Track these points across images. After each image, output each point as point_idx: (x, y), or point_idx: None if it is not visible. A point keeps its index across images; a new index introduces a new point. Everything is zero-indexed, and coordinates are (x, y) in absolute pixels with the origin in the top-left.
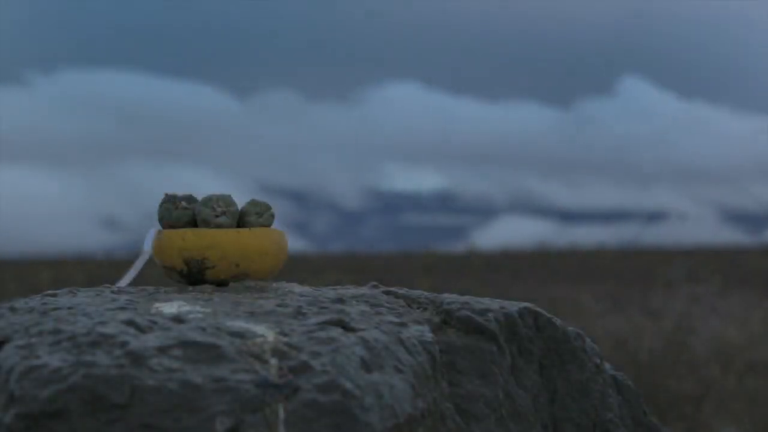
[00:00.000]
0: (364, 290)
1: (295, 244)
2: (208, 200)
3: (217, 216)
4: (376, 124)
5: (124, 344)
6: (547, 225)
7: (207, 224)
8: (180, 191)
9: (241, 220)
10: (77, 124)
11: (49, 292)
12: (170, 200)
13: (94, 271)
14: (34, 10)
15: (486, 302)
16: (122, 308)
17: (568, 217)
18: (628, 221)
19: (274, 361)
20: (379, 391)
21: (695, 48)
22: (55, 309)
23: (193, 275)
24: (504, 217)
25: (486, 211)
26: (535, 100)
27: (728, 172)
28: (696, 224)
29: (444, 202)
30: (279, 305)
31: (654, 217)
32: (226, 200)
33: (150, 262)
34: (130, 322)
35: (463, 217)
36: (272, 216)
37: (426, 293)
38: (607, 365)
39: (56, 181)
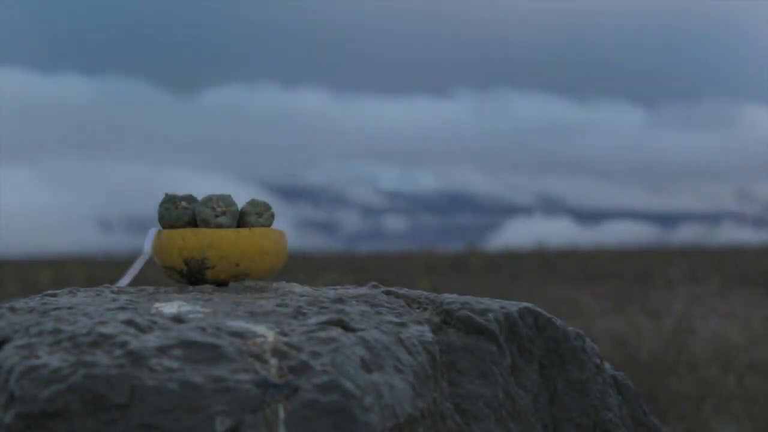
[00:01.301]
0: (364, 290)
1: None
2: (208, 200)
3: (217, 216)
4: (214, 120)
5: (124, 344)
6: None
7: (207, 224)
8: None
9: (241, 220)
10: None
11: (49, 292)
12: (170, 200)
13: (94, 271)
14: None
15: (486, 302)
16: (122, 308)
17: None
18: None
19: (274, 361)
20: (379, 391)
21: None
22: (55, 309)
23: (193, 275)
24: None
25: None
26: (424, 95)
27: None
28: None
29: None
30: (279, 305)
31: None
32: (226, 200)
33: (150, 262)
34: (130, 322)
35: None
36: (272, 216)
37: (426, 293)
38: (607, 365)
39: None
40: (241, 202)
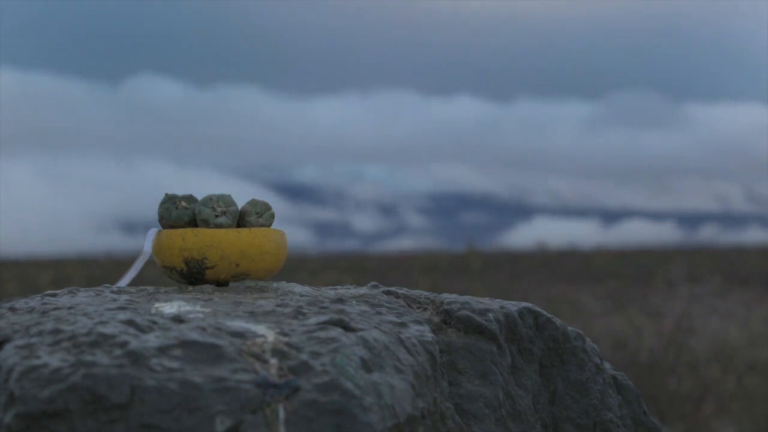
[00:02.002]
0: (364, 290)
1: None
2: (208, 200)
3: (217, 216)
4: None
5: (124, 344)
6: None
7: (207, 224)
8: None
9: (241, 220)
10: None
11: (49, 292)
12: (170, 200)
13: (94, 271)
14: None
15: (486, 302)
16: (122, 308)
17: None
18: None
19: (274, 361)
20: (379, 391)
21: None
22: (55, 309)
23: (193, 275)
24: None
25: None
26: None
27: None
28: None
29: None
30: (279, 305)
31: None
32: (226, 200)
33: (150, 262)
34: (130, 322)
35: None
36: (272, 216)
37: (426, 293)
38: (607, 365)
39: None
40: (240, 202)
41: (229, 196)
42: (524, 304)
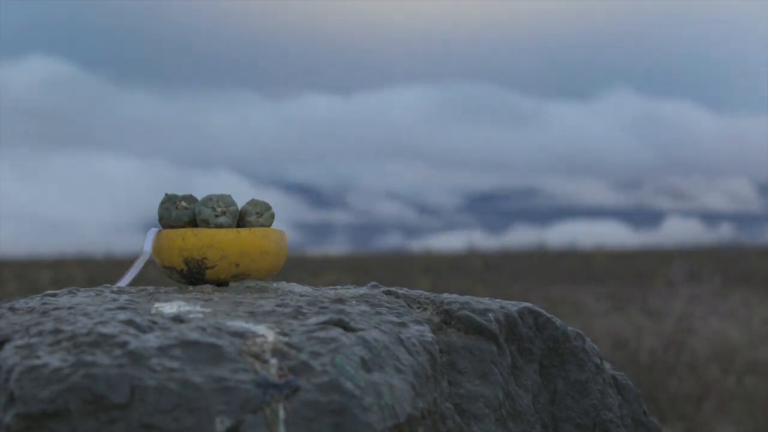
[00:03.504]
0: (364, 290)
1: None
2: (208, 200)
3: (217, 216)
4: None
5: (124, 344)
6: None
7: (207, 224)
8: None
9: (241, 220)
10: None
11: (49, 292)
12: (170, 200)
13: (94, 271)
14: None
15: (486, 302)
16: (122, 308)
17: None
18: None
19: (274, 361)
20: (379, 391)
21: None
22: (55, 309)
23: (193, 275)
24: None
25: None
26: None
27: None
28: None
29: None
30: (279, 305)
31: None
32: (226, 200)
33: (150, 262)
34: (130, 322)
35: None
36: (272, 216)
37: (426, 293)
38: (607, 365)
39: None
40: (241, 202)
41: (229, 196)
42: (524, 304)
